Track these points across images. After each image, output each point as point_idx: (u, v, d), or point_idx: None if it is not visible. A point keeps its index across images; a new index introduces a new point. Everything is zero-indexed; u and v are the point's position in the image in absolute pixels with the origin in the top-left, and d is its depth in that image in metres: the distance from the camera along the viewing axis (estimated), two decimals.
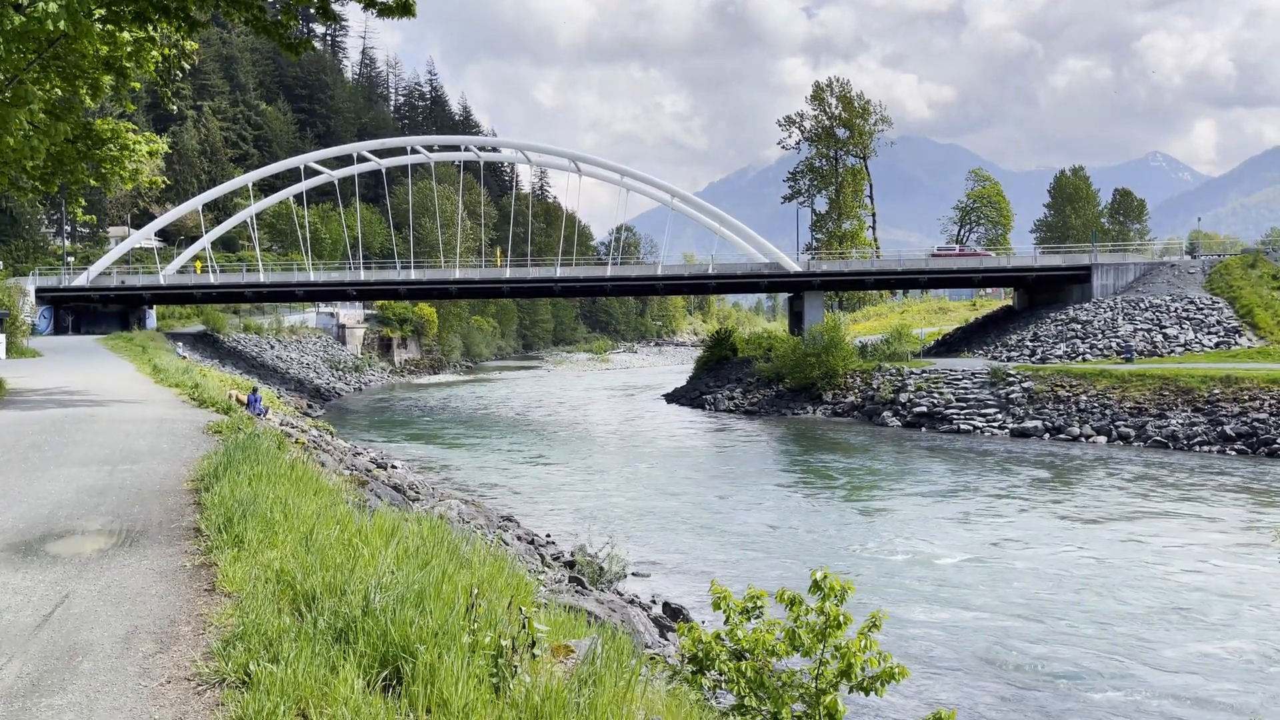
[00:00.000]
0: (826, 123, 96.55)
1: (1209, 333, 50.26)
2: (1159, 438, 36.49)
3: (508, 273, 62.75)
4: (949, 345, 61.67)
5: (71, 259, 74.03)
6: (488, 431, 44.95)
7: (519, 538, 18.14)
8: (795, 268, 58.56)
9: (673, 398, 59.26)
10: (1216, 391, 37.65)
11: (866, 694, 7.12)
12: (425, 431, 44.78)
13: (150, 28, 18.49)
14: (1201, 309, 52.14)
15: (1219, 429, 35.61)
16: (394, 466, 26.71)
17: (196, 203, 65.93)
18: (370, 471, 21.34)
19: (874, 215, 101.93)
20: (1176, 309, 52.50)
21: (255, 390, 26.78)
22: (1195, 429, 36.20)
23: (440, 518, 10.42)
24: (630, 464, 34.19)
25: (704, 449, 38.69)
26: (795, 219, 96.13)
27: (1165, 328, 51.12)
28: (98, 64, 18.75)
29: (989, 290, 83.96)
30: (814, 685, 7.13)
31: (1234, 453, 34.18)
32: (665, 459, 35.35)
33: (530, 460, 35.01)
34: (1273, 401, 35.87)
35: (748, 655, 7.42)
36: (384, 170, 70.73)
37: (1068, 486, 28.53)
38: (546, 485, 29.41)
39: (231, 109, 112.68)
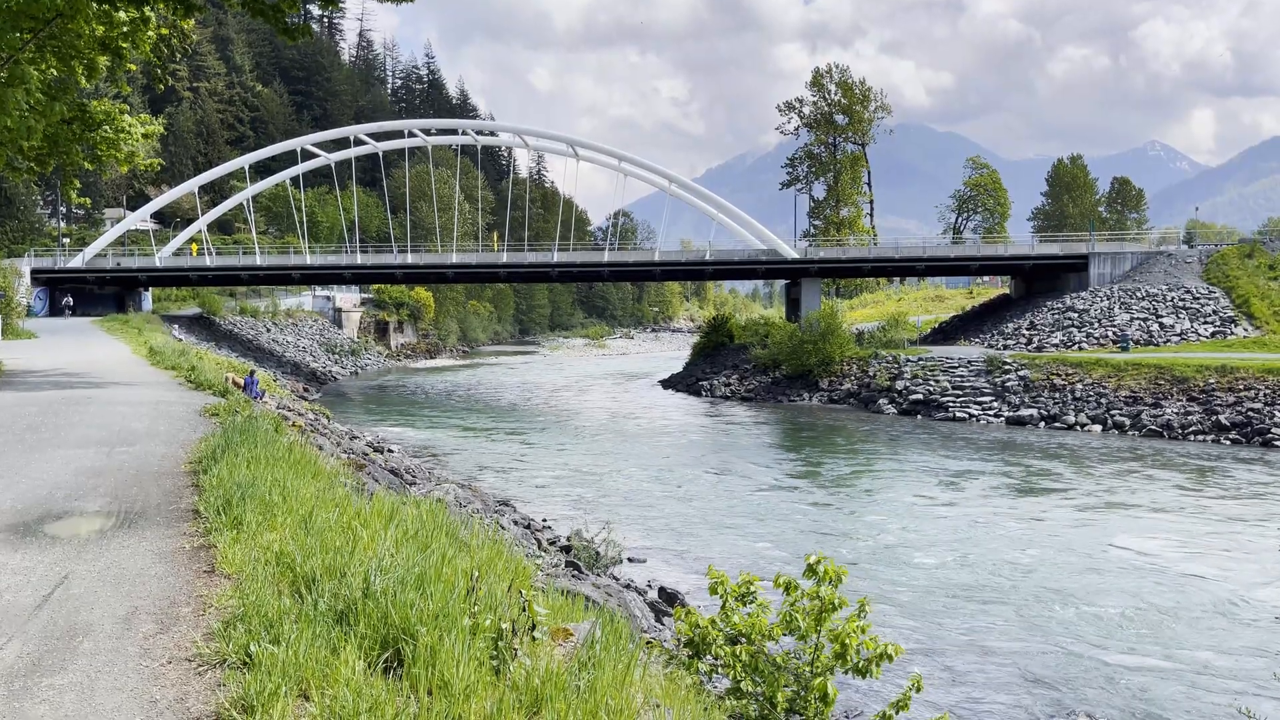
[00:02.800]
0: (826, 109, 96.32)
1: (1205, 322, 50.35)
2: (1154, 427, 36.60)
3: (505, 257, 62.66)
4: (945, 333, 61.74)
5: (67, 240, 73.78)
6: (484, 416, 44.98)
7: (515, 522, 18.19)
8: (792, 254, 58.52)
9: (669, 384, 59.30)
10: (1212, 381, 37.75)
11: (862, 676, 7.18)
12: (422, 416, 44.79)
13: (146, 8, 18.38)
14: (1198, 299, 52.21)
15: (1214, 418, 35.72)
16: (391, 450, 26.75)
17: (192, 185, 65.66)
18: (367, 455, 21.37)
19: (872, 203, 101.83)
20: (1173, 298, 52.57)
21: (252, 373, 26.76)
22: (1190, 418, 36.31)
23: (438, 501, 10.44)
24: (626, 450, 34.24)
25: (700, 435, 38.74)
26: (793, 205, 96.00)
27: (1161, 317, 51.20)
28: (94, 44, 18.62)
29: (986, 278, 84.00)
30: (809, 669, 7.19)
31: (1228, 442, 34.30)
32: (661, 445, 35.40)
33: (526, 445, 35.05)
34: (1268, 391, 35.98)
35: (743, 639, 7.48)
36: (381, 154, 70.46)
37: (1060, 475, 28.62)
38: (542, 470, 29.45)
39: (227, 91, 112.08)
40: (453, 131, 76.54)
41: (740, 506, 24.06)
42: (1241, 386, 36.80)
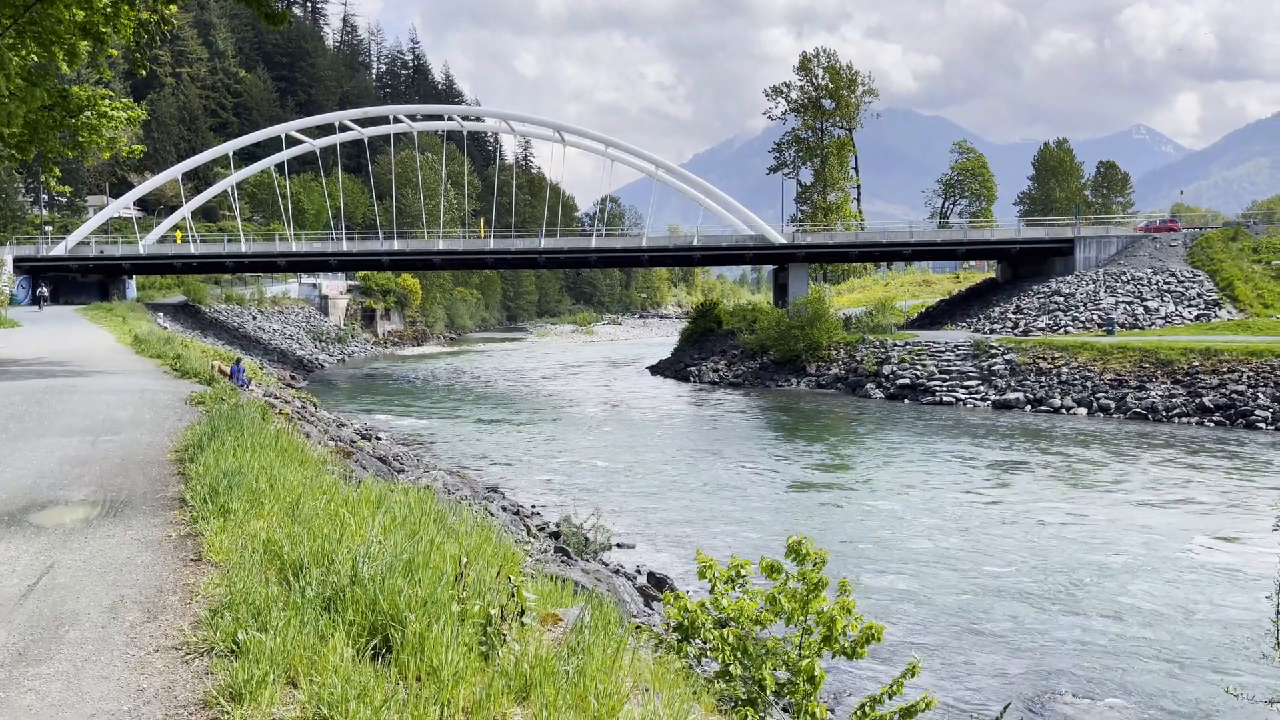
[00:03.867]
0: (813, 94, 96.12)
1: (1189, 305, 50.64)
2: (1139, 409, 36.84)
3: (492, 244, 62.44)
4: (932, 317, 61.90)
5: (49, 229, 73.12)
6: (472, 403, 44.92)
7: (504, 509, 18.20)
8: (780, 240, 58.52)
9: (657, 370, 59.33)
10: (1196, 364, 38.00)
11: (850, 658, 7.22)
12: (409, 403, 44.70)
13: None
14: (1182, 282, 52.50)
15: (1198, 401, 35.98)
16: (379, 438, 26.69)
17: (175, 172, 65.15)
18: (355, 443, 21.31)
19: (859, 187, 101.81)
20: (1158, 282, 52.84)
21: (238, 361, 26.62)
22: (1174, 401, 36.55)
23: (426, 488, 10.43)
24: (615, 436, 34.26)
25: (688, 421, 38.80)
26: (780, 191, 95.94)
27: (1146, 300, 51.47)
28: (74, 29, 18.39)
29: (972, 263, 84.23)
30: (797, 653, 7.22)
31: (1212, 424, 34.56)
32: (650, 431, 35.44)
33: (515, 432, 35.03)
34: (1251, 374, 36.24)
35: (732, 623, 7.50)
36: (366, 140, 70.03)
37: (1046, 457, 28.80)
38: (531, 457, 29.45)
39: (210, 77, 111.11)
40: (438, 117, 76.08)
41: (729, 491, 24.13)
42: (1225, 369, 37.06)
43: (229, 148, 64.77)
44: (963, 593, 15.80)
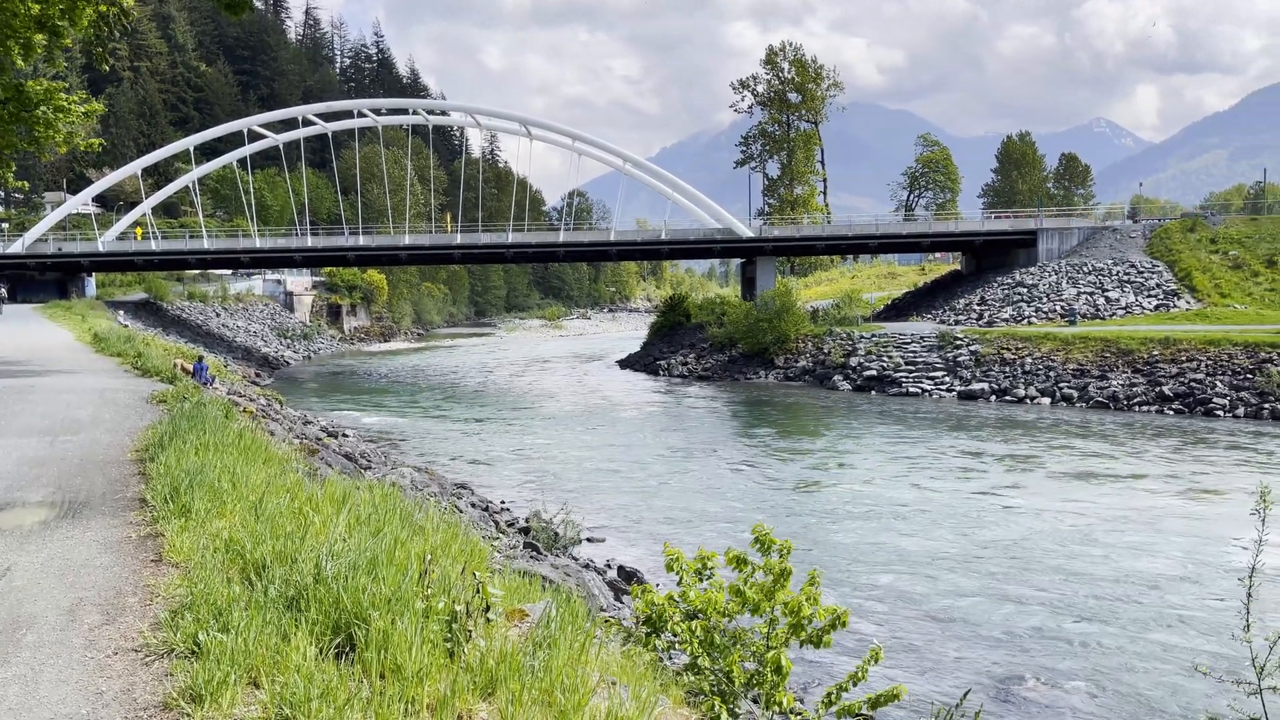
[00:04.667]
0: (780, 87, 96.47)
1: (1149, 295, 51.45)
2: (1101, 399, 37.37)
3: (459, 239, 62.10)
4: (898, 309, 62.43)
5: (5, 226, 71.72)
6: (440, 399, 44.68)
7: (473, 505, 18.13)
8: (748, 233, 58.70)
9: (626, 364, 59.33)
10: (1156, 353, 38.62)
11: (817, 647, 7.27)
12: (377, 400, 44.39)
13: None
14: (1142, 272, 53.31)
15: (1157, 389, 36.57)
16: (345, 435, 26.48)
17: (135, 167, 64.12)
18: (321, 440, 21.13)
19: (825, 181, 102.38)
20: (1118, 272, 53.62)
21: (201, 359, 26.30)
22: (1135, 389, 37.13)
23: (393, 485, 10.36)
24: (584, 430, 34.24)
25: (658, 415, 38.85)
26: (747, 184, 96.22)
27: (1107, 291, 52.22)
28: (29, 22, 18.04)
29: (937, 255, 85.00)
30: (765, 644, 7.26)
31: (1172, 412, 35.15)
32: (619, 425, 35.45)
33: (484, 428, 34.89)
34: (1209, 362, 36.89)
35: (700, 615, 7.53)
36: (330, 134, 69.33)
37: (1011, 447, 29.15)
38: (501, 453, 29.36)
39: (170, 70, 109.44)
40: (403, 111, 75.44)
41: (698, 484, 24.20)
42: (1184, 358, 37.69)
43: (190, 143, 63.83)
44: (932, 582, 15.96)
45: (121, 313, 55.17)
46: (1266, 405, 33.65)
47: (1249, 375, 35.37)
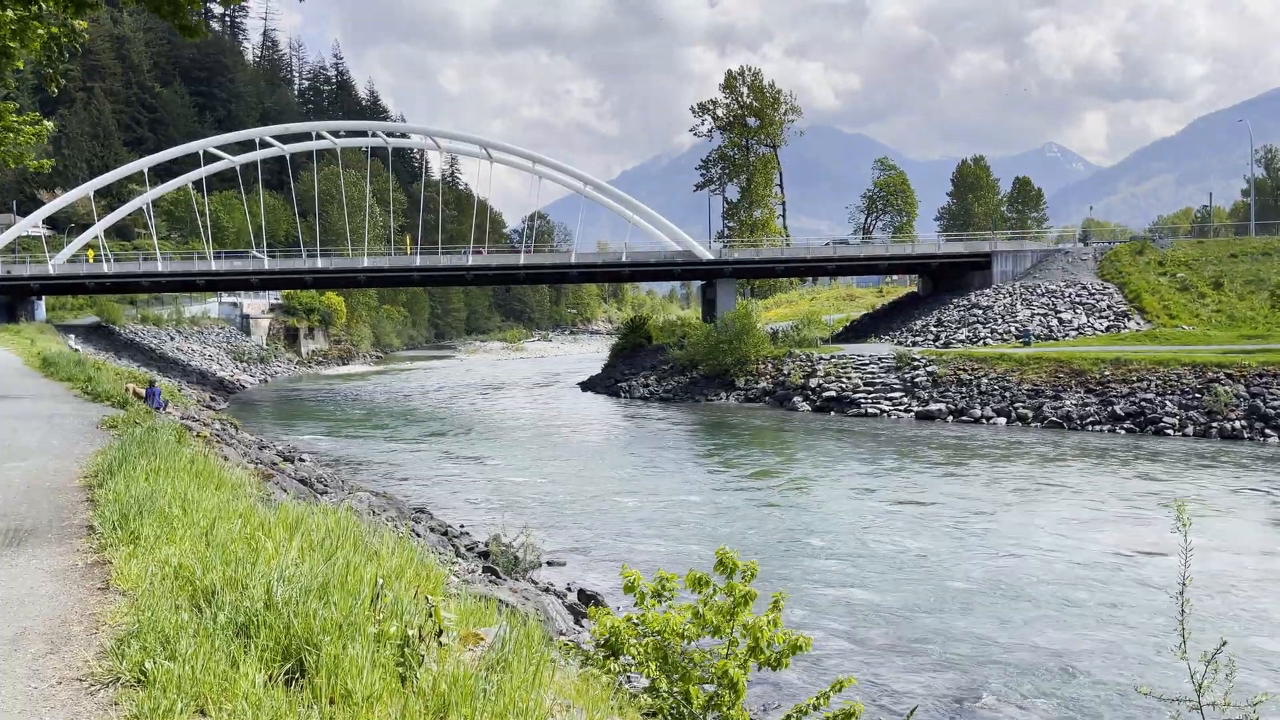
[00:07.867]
0: (739, 111, 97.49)
1: (1100, 317, 52.50)
2: (1055, 418, 37.98)
3: (418, 261, 61.83)
4: (857, 331, 63.07)
5: None
6: (399, 423, 44.30)
7: (432, 529, 17.97)
8: (708, 256, 59.08)
9: (588, 386, 59.28)
10: (1108, 373, 39.36)
11: (775, 669, 7.30)
12: (334, 424, 43.90)
13: (35, 6, 17.58)
14: (1094, 294, 54.42)
15: (1110, 409, 37.24)
16: (301, 459, 26.16)
17: (88, 188, 63.18)
18: (276, 465, 20.86)
19: (784, 204, 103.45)
20: (1070, 294, 54.68)
21: (153, 383, 25.86)
22: (1088, 409, 37.78)
23: (349, 509, 10.26)
24: (546, 454, 34.11)
25: (619, 437, 38.82)
26: (708, 207, 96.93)
27: (1060, 312, 53.21)
28: None
29: (895, 277, 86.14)
30: (722, 664, 7.27)
31: (1124, 431, 35.79)
32: (581, 448, 35.37)
33: (444, 452, 34.63)
34: (1159, 382, 37.66)
35: (658, 637, 7.53)
36: (288, 156, 68.89)
37: (964, 466, 29.50)
38: (461, 476, 29.15)
39: (125, 91, 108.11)
40: (362, 133, 75.19)
41: (660, 507, 24.19)
42: (1135, 378, 38.45)
43: (144, 164, 63.06)
44: (888, 599, 16.07)
45: (72, 336, 54.17)
46: (1214, 424, 34.40)
47: (1197, 395, 36.16)
